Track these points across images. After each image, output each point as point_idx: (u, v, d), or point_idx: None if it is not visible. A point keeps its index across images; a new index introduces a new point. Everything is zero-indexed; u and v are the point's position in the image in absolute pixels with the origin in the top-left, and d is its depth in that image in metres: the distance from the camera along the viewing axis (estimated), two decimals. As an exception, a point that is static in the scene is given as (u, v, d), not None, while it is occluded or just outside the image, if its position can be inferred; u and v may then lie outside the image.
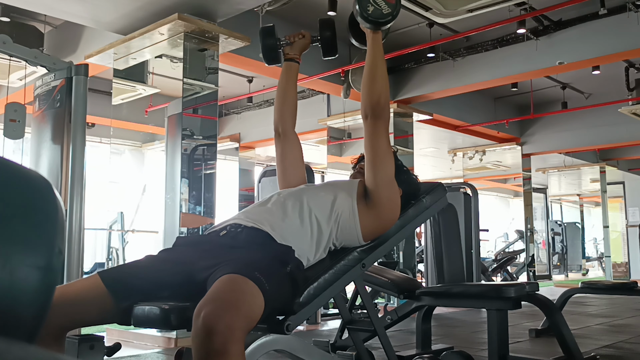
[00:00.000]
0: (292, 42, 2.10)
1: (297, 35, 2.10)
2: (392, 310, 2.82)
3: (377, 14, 1.81)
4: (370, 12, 1.80)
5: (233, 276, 1.32)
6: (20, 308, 0.52)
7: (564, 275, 12.67)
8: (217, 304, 1.22)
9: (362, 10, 1.80)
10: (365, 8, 1.80)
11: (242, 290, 1.29)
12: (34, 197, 0.54)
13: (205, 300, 1.24)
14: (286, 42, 2.11)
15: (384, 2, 1.81)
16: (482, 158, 9.90)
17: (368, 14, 1.80)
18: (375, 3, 1.80)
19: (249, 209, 1.77)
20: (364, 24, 1.85)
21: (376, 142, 1.78)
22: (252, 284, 1.31)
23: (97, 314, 1.43)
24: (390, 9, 1.82)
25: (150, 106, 4.91)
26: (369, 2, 1.80)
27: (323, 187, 1.87)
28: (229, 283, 1.30)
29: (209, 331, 1.17)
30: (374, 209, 1.79)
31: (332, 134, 7.77)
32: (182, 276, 1.49)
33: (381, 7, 1.81)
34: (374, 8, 1.80)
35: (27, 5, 4.33)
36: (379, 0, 1.81)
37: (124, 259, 7.38)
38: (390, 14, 1.82)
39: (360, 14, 1.81)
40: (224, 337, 1.16)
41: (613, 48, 5.45)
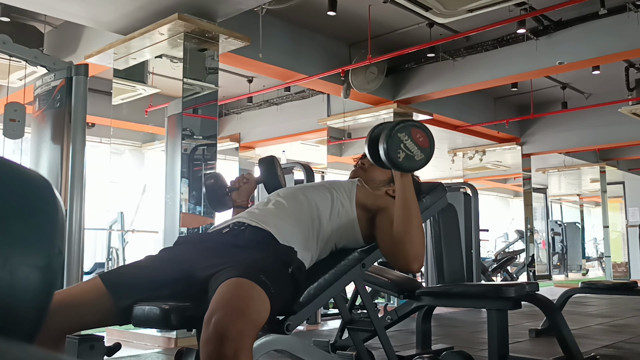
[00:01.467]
0: (238, 187, 2.03)
1: (241, 180, 2.04)
2: (392, 310, 2.82)
3: (410, 163, 1.58)
4: (401, 160, 1.57)
5: (240, 280, 1.31)
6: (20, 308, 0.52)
7: (564, 275, 12.66)
8: (228, 310, 1.22)
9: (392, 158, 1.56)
10: (395, 155, 1.56)
11: (251, 296, 1.29)
12: (34, 197, 0.54)
13: (216, 305, 1.24)
14: (232, 188, 2.03)
15: (416, 147, 1.58)
16: (482, 158, 9.90)
17: (399, 162, 1.57)
18: (407, 149, 1.56)
19: (251, 209, 1.77)
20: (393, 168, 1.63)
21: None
22: (259, 289, 1.31)
23: (98, 317, 1.44)
24: (423, 155, 1.59)
25: (150, 106, 4.91)
26: (400, 148, 1.56)
27: (321, 186, 1.86)
28: (237, 288, 1.30)
29: (222, 337, 1.17)
30: (373, 221, 1.79)
31: (332, 134, 7.77)
32: (183, 275, 1.49)
33: (413, 153, 1.57)
34: (405, 155, 1.56)
35: (27, 5, 4.33)
36: (410, 145, 1.57)
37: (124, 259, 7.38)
38: (423, 160, 1.59)
39: (390, 161, 1.57)
40: (236, 344, 1.17)
41: (613, 48, 5.45)
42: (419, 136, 1.59)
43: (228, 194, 2.02)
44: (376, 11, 5.49)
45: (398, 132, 1.58)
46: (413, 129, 1.59)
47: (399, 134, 1.57)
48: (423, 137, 1.60)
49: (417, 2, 4.55)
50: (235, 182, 2.04)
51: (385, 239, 1.70)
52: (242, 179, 2.04)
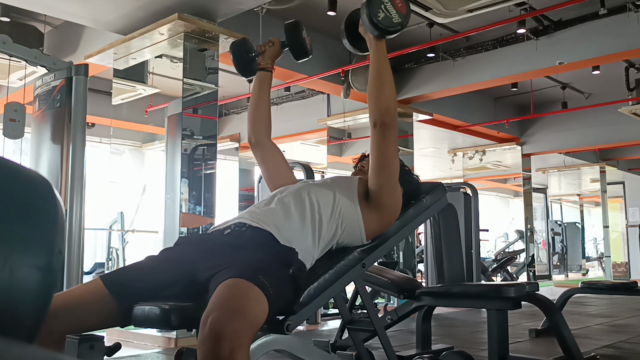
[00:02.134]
0: (263, 51, 2.05)
1: (267, 44, 2.06)
2: (392, 310, 2.82)
3: (387, 22, 1.72)
4: (380, 18, 1.71)
5: (238, 281, 1.31)
6: (20, 308, 0.52)
7: (564, 275, 12.66)
8: (224, 310, 1.22)
9: (372, 16, 1.70)
10: (375, 13, 1.70)
11: (248, 297, 1.29)
12: (34, 197, 0.54)
13: (212, 306, 1.24)
14: (257, 52, 2.06)
15: (395, 11, 1.73)
16: (482, 158, 9.90)
17: (378, 20, 1.71)
18: (386, 10, 1.72)
19: (252, 209, 1.77)
20: (371, 30, 1.76)
21: (385, 149, 1.76)
22: (257, 290, 1.31)
23: (100, 319, 1.44)
24: (400, 19, 1.74)
25: (150, 106, 4.91)
26: (380, 9, 1.71)
27: (323, 183, 1.86)
28: (234, 289, 1.30)
29: (217, 337, 1.17)
30: (376, 210, 1.79)
31: (332, 134, 7.77)
32: (184, 275, 1.49)
33: (392, 15, 1.73)
34: (384, 15, 1.71)
35: (27, 5, 4.33)
36: (390, 8, 1.72)
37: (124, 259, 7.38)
38: (400, 24, 1.74)
39: (369, 19, 1.71)
40: (232, 344, 1.17)
41: (613, 48, 5.45)
42: (398, 2, 1.76)
43: (254, 57, 2.06)
44: (376, 11, 5.48)
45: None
46: None
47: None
48: (402, 3, 1.77)
49: (417, 2, 4.55)
50: (261, 46, 2.07)
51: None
52: (268, 43, 2.07)
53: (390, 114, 1.75)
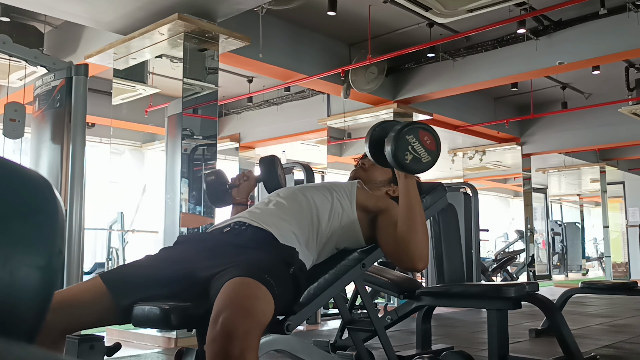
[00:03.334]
0: (238, 184, 2.03)
1: (242, 178, 2.04)
2: (392, 310, 2.81)
3: (417, 165, 1.59)
4: (408, 161, 1.58)
5: (246, 280, 1.32)
6: (20, 308, 0.52)
7: (564, 275, 12.66)
8: (235, 309, 1.23)
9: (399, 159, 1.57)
10: (403, 157, 1.57)
11: (256, 296, 1.29)
12: (34, 197, 0.54)
13: (223, 304, 1.24)
14: (232, 185, 2.03)
15: (424, 149, 1.59)
16: (482, 158, 9.90)
17: (406, 164, 1.58)
18: (414, 151, 1.58)
19: (252, 209, 1.77)
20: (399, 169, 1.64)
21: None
22: (264, 289, 1.31)
23: (98, 316, 1.44)
24: (430, 158, 1.61)
25: (150, 106, 4.91)
26: (408, 150, 1.57)
27: (321, 187, 1.86)
28: (243, 287, 1.30)
29: (229, 336, 1.17)
30: (374, 222, 1.79)
31: (332, 134, 7.77)
32: (183, 274, 1.49)
33: (420, 156, 1.59)
34: (412, 157, 1.58)
35: (27, 5, 4.33)
36: (417, 148, 1.58)
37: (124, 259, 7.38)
38: (430, 163, 1.61)
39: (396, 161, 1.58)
40: (243, 343, 1.17)
41: (613, 48, 5.45)
42: (426, 139, 1.61)
43: (228, 190, 2.03)
44: (376, 11, 5.49)
45: (406, 134, 1.59)
46: (421, 131, 1.61)
47: (407, 136, 1.59)
48: (430, 139, 1.62)
49: (417, 2, 4.55)
50: (236, 179, 2.05)
51: (388, 240, 1.71)
52: (243, 177, 2.05)
53: (423, 262, 1.66)
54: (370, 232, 1.79)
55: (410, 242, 1.63)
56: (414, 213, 1.65)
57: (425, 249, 1.65)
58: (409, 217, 1.65)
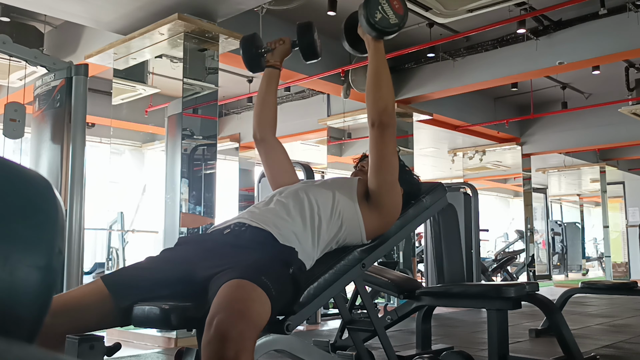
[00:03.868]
0: (273, 48, 2.06)
1: (278, 42, 2.07)
2: (392, 310, 2.82)
3: (384, 23, 1.74)
4: (377, 19, 1.73)
5: (241, 282, 1.31)
6: (20, 308, 0.52)
7: (564, 275, 12.66)
8: (229, 312, 1.23)
9: (368, 17, 1.73)
10: (372, 15, 1.72)
11: (252, 298, 1.29)
12: (34, 197, 0.54)
13: (217, 307, 1.24)
14: (267, 49, 2.07)
15: (392, 12, 1.75)
16: (482, 158, 9.90)
17: (375, 21, 1.73)
18: (383, 11, 1.73)
19: (252, 209, 1.77)
20: (369, 32, 1.78)
21: (383, 148, 1.77)
22: (260, 291, 1.31)
23: (99, 318, 1.44)
24: (397, 20, 1.75)
25: (150, 106, 4.91)
26: (377, 10, 1.73)
27: (323, 184, 1.86)
28: (238, 290, 1.30)
29: (223, 339, 1.17)
30: (376, 210, 1.79)
31: (332, 134, 7.77)
32: (183, 275, 1.49)
33: (389, 16, 1.74)
34: (381, 16, 1.73)
35: (27, 5, 4.33)
36: (387, 9, 1.74)
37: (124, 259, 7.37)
38: (397, 25, 1.75)
39: (367, 21, 1.74)
40: (237, 346, 1.17)
41: (613, 48, 5.45)
42: (395, 3, 1.77)
43: (263, 55, 2.07)
44: (376, 11, 5.48)
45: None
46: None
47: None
48: (399, 4, 1.78)
49: (417, 2, 4.55)
50: (272, 43, 2.08)
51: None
52: (279, 41, 2.07)
53: (388, 114, 1.76)
54: (372, 225, 1.79)
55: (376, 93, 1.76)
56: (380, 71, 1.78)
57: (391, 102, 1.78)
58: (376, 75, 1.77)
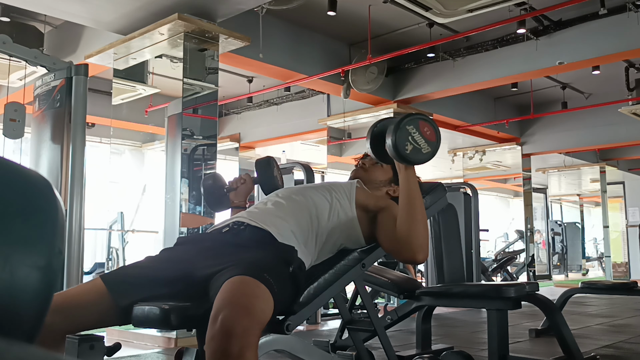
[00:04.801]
0: (235, 188, 2.03)
1: (239, 181, 2.04)
2: (392, 310, 2.81)
3: (417, 155, 1.61)
4: (408, 152, 1.60)
5: (245, 278, 1.32)
6: (20, 308, 0.52)
7: (564, 275, 12.66)
8: (234, 307, 1.23)
9: (398, 148, 1.59)
10: (403, 148, 1.59)
11: (256, 295, 1.29)
12: (34, 197, 0.54)
13: (222, 303, 1.25)
14: (230, 189, 2.03)
15: (424, 140, 1.61)
16: (482, 158, 9.89)
17: (406, 154, 1.60)
18: (414, 142, 1.60)
19: (251, 209, 1.77)
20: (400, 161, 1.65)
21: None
22: (263, 288, 1.31)
23: (98, 317, 1.44)
24: (430, 148, 1.63)
25: (150, 106, 4.91)
26: (408, 141, 1.59)
27: (320, 187, 1.86)
28: (242, 286, 1.30)
29: (228, 334, 1.17)
30: (374, 221, 1.79)
31: (332, 134, 7.77)
32: (183, 274, 1.49)
33: (421, 146, 1.61)
34: (412, 148, 1.60)
35: (27, 5, 4.33)
36: (417, 138, 1.61)
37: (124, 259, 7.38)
38: (430, 154, 1.63)
39: (397, 153, 1.60)
40: (242, 342, 1.17)
41: (613, 48, 5.45)
42: (426, 129, 1.63)
43: (226, 194, 2.03)
44: (376, 11, 5.49)
45: (407, 124, 1.61)
46: (421, 122, 1.64)
47: (407, 127, 1.61)
48: (430, 130, 1.64)
49: (417, 2, 4.55)
50: (233, 182, 2.05)
51: (388, 235, 1.71)
52: (240, 180, 2.05)
53: (424, 252, 1.66)
54: (370, 231, 1.79)
55: (410, 233, 1.64)
56: (414, 204, 1.66)
57: (425, 240, 1.66)
58: (409, 209, 1.66)
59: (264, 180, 2.03)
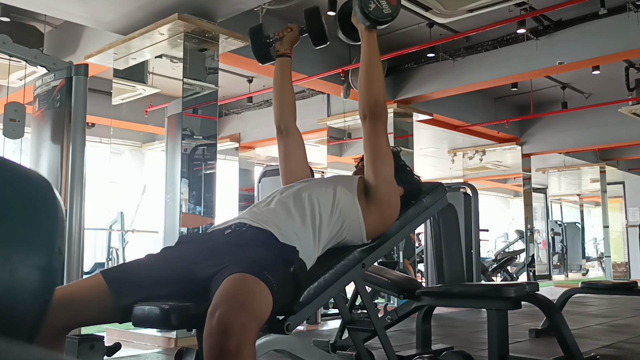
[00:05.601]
0: (281, 37, 2.07)
1: (286, 30, 2.07)
2: (392, 310, 2.81)
3: (378, 12, 1.78)
4: (371, 9, 1.77)
5: (244, 276, 1.32)
6: (20, 308, 0.52)
7: (564, 275, 12.67)
8: (232, 304, 1.22)
9: (363, 6, 1.76)
10: (366, 4, 1.76)
11: (254, 292, 1.29)
12: (34, 197, 0.54)
13: (220, 299, 1.24)
14: (275, 38, 2.07)
15: (386, 2, 1.79)
16: (482, 158, 9.90)
17: (369, 10, 1.77)
18: (377, 1, 1.77)
19: (252, 209, 1.77)
20: (363, 21, 1.81)
21: (375, 142, 1.79)
22: (262, 285, 1.31)
23: (98, 313, 1.43)
24: (390, 10, 1.80)
25: (150, 106, 4.91)
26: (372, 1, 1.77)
27: (323, 181, 1.86)
28: (241, 283, 1.30)
29: (225, 331, 1.17)
30: (375, 207, 1.79)
31: (332, 134, 7.77)
32: (184, 274, 1.49)
33: (382, 6, 1.78)
34: (375, 6, 1.77)
35: (27, 5, 4.33)
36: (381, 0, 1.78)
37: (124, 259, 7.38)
38: (390, 15, 1.80)
39: (361, 10, 1.77)
40: (239, 338, 1.17)
41: (613, 48, 5.45)
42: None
43: (272, 44, 2.07)
44: (376, 11, 5.48)
45: None
46: None
47: None
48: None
49: (417, 2, 4.55)
50: (279, 31, 2.07)
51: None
52: (287, 29, 2.07)
53: (379, 106, 1.79)
54: (372, 224, 1.79)
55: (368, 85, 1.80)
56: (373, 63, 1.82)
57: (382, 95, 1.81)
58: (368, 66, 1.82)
59: (312, 30, 2.05)
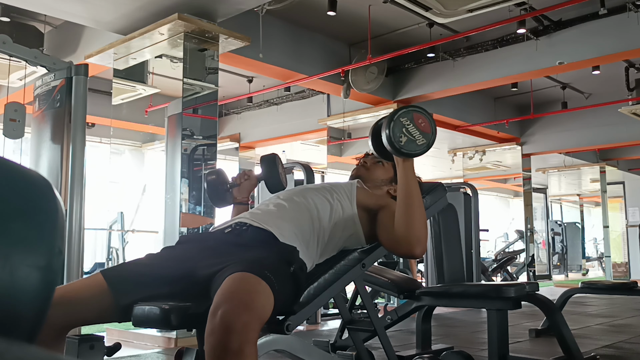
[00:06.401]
0: (239, 184, 2.01)
1: (242, 177, 2.02)
2: (392, 310, 2.81)
3: (411, 146, 1.63)
4: (402, 143, 1.62)
5: (246, 275, 1.32)
6: (20, 308, 0.52)
7: (564, 275, 12.66)
8: (234, 302, 1.23)
9: (394, 142, 1.62)
10: (397, 139, 1.61)
11: (257, 291, 1.29)
12: (34, 197, 0.54)
13: (222, 298, 1.24)
14: (233, 184, 2.01)
15: (418, 132, 1.63)
16: (482, 158, 9.90)
17: (400, 145, 1.62)
18: (409, 133, 1.62)
19: (253, 210, 1.78)
20: (395, 154, 1.67)
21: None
22: (264, 284, 1.31)
23: (98, 313, 1.44)
24: (425, 140, 1.64)
25: (150, 106, 4.91)
26: (402, 133, 1.61)
27: (321, 188, 1.86)
28: (242, 282, 1.30)
29: (227, 330, 1.17)
30: (373, 214, 1.80)
31: (332, 134, 7.77)
32: (184, 273, 1.49)
33: (415, 137, 1.63)
34: (407, 139, 1.62)
35: (27, 5, 4.33)
36: (412, 130, 1.62)
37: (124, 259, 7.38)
38: (425, 145, 1.64)
39: (391, 145, 1.63)
40: (241, 337, 1.17)
41: (613, 48, 5.45)
42: (420, 121, 1.65)
43: (229, 190, 2.01)
44: (376, 11, 5.49)
45: (400, 116, 1.63)
46: (415, 113, 1.65)
47: (401, 119, 1.63)
48: (425, 122, 1.65)
49: (417, 2, 4.55)
50: (237, 178, 2.04)
51: (387, 232, 1.72)
52: (243, 176, 2.03)
53: (421, 246, 1.66)
54: (370, 230, 1.79)
55: (408, 227, 1.64)
56: (412, 198, 1.66)
57: (423, 233, 1.65)
58: (407, 203, 1.66)
59: (268, 177, 2.00)
